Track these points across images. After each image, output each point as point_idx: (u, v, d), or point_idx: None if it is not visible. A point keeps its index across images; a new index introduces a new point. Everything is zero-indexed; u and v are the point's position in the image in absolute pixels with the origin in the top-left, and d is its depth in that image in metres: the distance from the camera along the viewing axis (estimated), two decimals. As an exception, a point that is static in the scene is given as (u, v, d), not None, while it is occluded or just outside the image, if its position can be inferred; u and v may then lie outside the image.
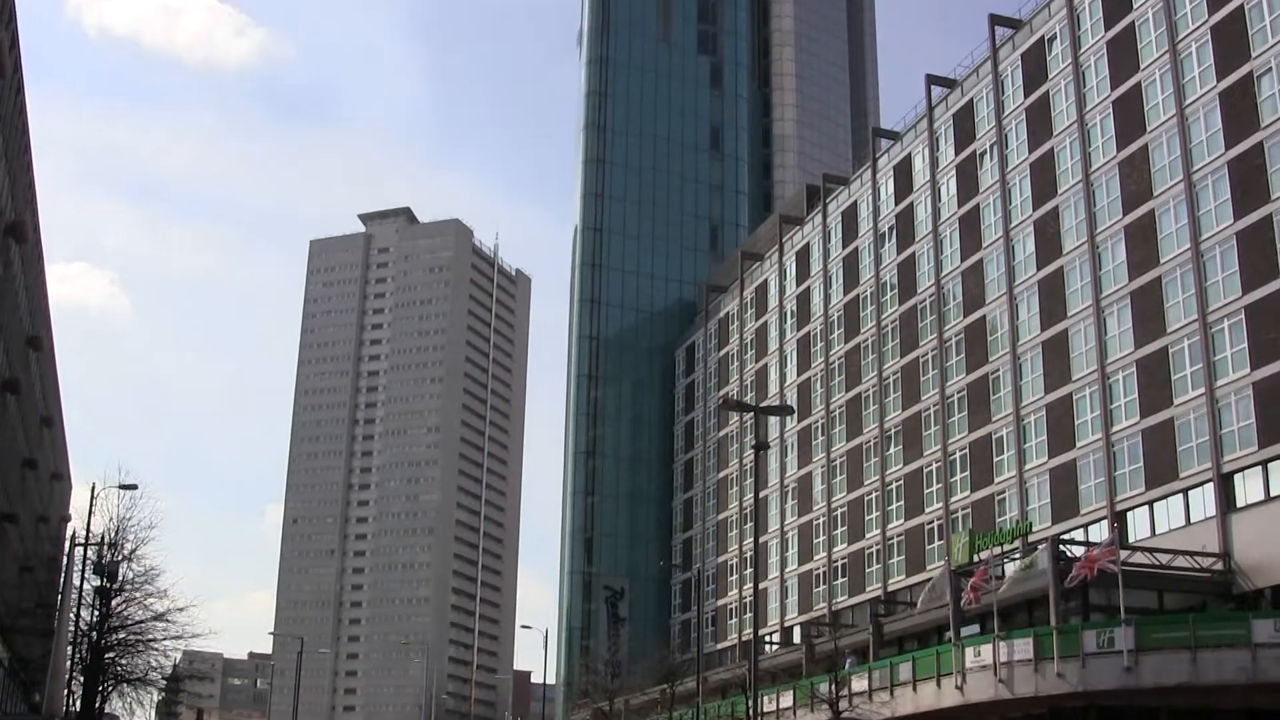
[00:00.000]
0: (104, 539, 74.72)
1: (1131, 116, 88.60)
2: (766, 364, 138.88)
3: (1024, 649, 70.81)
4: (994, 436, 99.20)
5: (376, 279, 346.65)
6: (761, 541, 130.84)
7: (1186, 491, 79.82)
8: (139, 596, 76.13)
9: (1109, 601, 72.47)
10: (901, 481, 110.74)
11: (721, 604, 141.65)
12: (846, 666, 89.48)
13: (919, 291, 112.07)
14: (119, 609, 74.99)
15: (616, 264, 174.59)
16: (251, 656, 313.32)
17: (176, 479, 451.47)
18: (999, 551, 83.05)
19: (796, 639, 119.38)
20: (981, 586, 76.16)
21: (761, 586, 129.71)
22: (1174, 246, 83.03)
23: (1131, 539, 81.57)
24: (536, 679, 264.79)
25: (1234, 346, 77.10)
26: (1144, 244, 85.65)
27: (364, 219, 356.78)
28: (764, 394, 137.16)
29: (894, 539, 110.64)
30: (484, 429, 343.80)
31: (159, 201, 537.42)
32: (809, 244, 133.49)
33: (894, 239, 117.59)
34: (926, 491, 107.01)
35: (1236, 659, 64.22)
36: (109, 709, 79.03)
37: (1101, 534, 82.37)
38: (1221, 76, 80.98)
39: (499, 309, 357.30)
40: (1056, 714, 73.65)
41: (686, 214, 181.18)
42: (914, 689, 78.86)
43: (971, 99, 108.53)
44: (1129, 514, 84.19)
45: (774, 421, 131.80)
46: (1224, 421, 77.20)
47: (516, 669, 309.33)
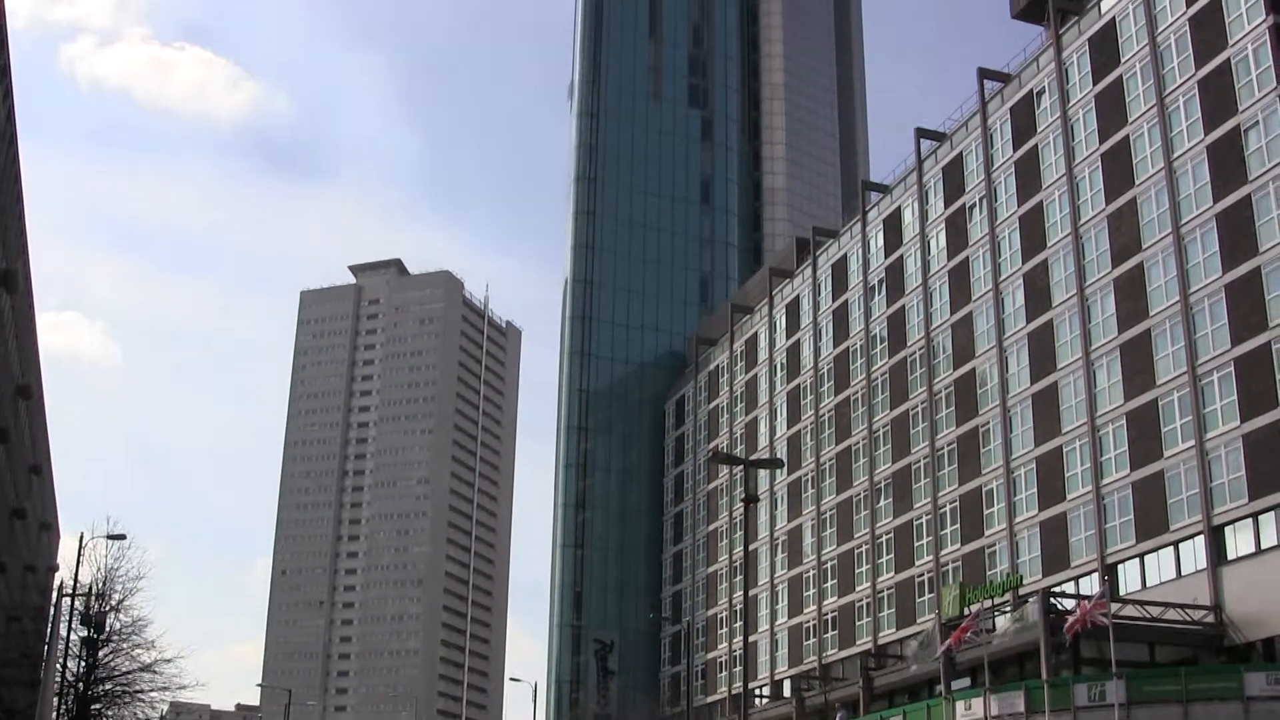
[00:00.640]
0: (91, 589, 74.50)
1: (1120, 169, 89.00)
2: (756, 417, 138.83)
3: (1015, 702, 70.57)
4: (984, 489, 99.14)
5: (367, 330, 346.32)
6: (751, 594, 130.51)
7: (1177, 544, 79.74)
8: (126, 647, 75.91)
9: (1100, 654, 72.19)
10: (892, 534, 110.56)
11: (711, 657, 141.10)
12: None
13: (909, 344, 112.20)
14: (106, 660, 74.73)
15: (606, 316, 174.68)
16: (239, 708, 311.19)
17: (165, 529, 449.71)
18: (990, 604, 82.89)
19: (787, 692, 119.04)
20: (971, 640, 75.96)
21: (752, 639, 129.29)
22: (1163, 299, 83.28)
23: (1122, 591, 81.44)
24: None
25: (1224, 399, 77.21)
26: (1133, 297, 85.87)
27: (354, 270, 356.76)
28: (754, 447, 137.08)
29: (884, 592, 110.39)
30: (474, 481, 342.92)
31: (150, 251, 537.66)
32: (799, 297, 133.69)
33: (884, 292, 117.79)
34: (917, 544, 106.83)
35: (1229, 712, 64.07)
36: (95, 760, 78.59)
37: (1092, 587, 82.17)
38: (1209, 130, 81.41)
39: (489, 361, 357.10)
40: (1048, 768, 73.34)
41: (677, 267, 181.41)
42: (905, 742, 78.60)
43: (961, 152, 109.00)
44: (1120, 567, 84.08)
45: (764, 474, 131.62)
46: (1214, 474, 77.22)
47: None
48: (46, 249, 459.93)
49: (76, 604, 73.80)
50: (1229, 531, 76.33)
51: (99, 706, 75.15)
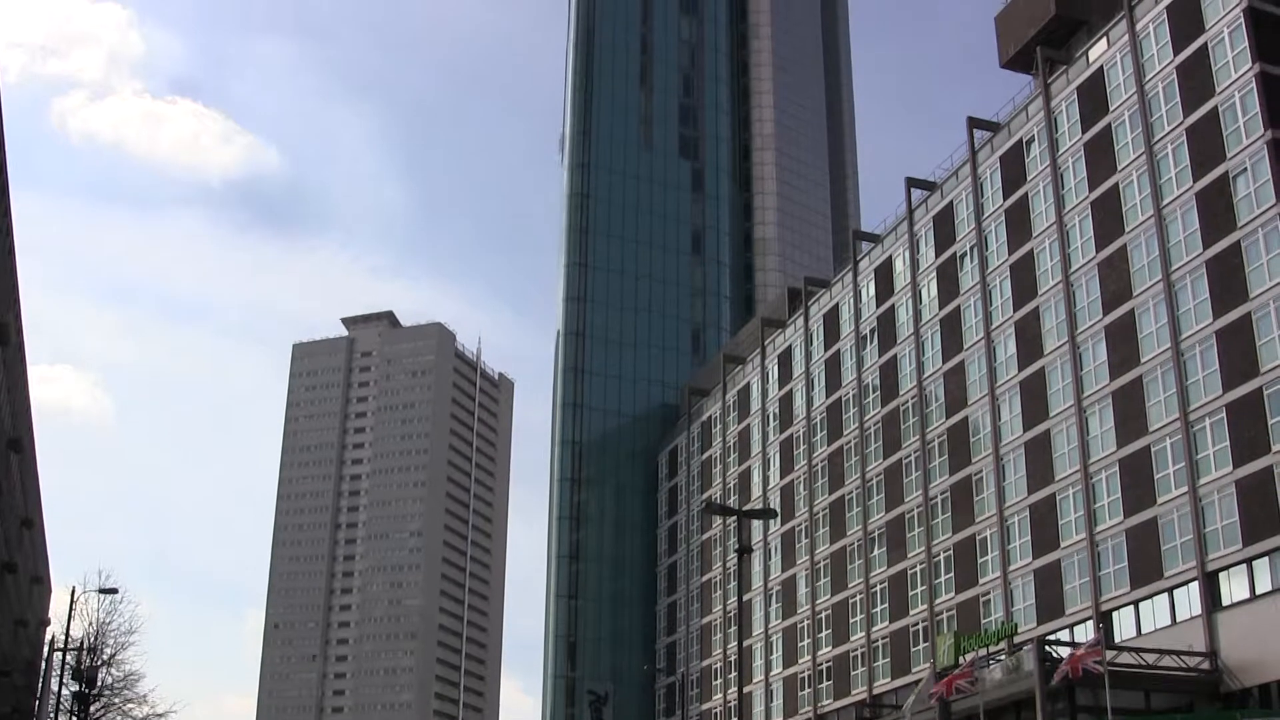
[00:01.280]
0: (83, 644, 74.29)
1: (1110, 217, 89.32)
2: (749, 467, 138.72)
3: (1011, 751, 70.36)
4: (978, 537, 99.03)
5: (359, 383, 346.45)
6: (746, 645, 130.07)
7: (1171, 590, 79.63)
8: (118, 703, 75.66)
9: (1096, 702, 72.00)
10: (886, 583, 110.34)
11: (706, 708, 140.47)
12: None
13: (901, 393, 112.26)
14: (98, 715, 74.42)
15: (599, 368, 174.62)
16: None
17: (157, 582, 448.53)
18: (985, 653, 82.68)
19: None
20: (966, 689, 75.70)
21: (746, 690, 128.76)
22: (1154, 346, 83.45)
23: (1117, 639, 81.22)
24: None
25: (1216, 444, 77.25)
26: (1124, 344, 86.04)
27: (347, 323, 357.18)
28: (747, 497, 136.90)
29: (879, 641, 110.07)
30: (467, 533, 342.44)
31: (142, 304, 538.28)
32: (791, 347, 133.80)
33: (876, 341, 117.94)
34: (911, 593, 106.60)
35: (1225, 759, 63.87)
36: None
37: (1087, 634, 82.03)
38: (1198, 177, 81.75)
39: (481, 413, 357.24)
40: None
41: (668, 317, 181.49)
42: (901, 792, 78.22)
43: (951, 201, 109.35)
44: (1114, 614, 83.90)
45: (757, 524, 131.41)
46: (1208, 520, 77.17)
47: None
48: (38, 302, 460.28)
49: (68, 659, 73.56)
50: (1223, 577, 76.22)
51: (91, 762, 74.76)
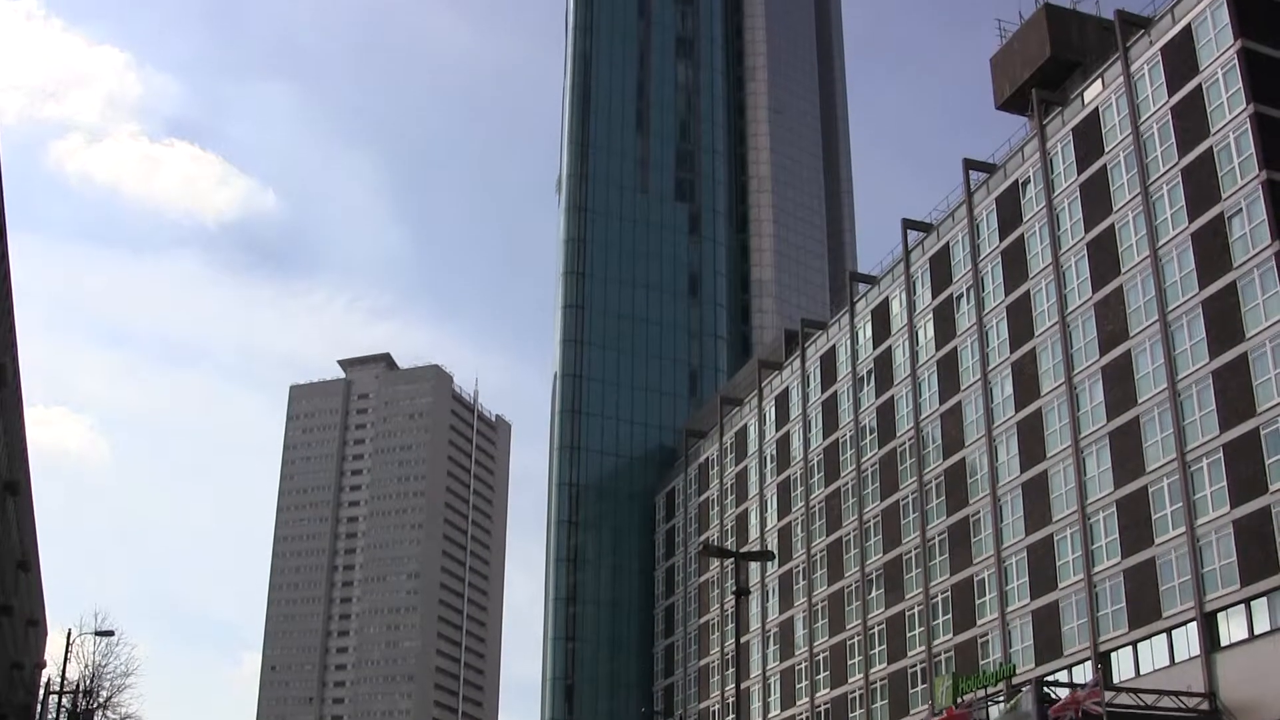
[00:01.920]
0: (79, 686, 74.06)
1: (1106, 258, 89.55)
2: (747, 509, 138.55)
3: (1010, 792, 70.09)
4: (976, 579, 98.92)
5: (356, 425, 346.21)
6: (743, 687, 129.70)
7: (1170, 631, 79.50)
8: (114, 745, 75.26)
9: (1095, 743, 71.83)
10: (884, 625, 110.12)
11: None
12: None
13: (898, 435, 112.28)
14: (94, 757, 74.06)
15: (596, 410, 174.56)
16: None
17: (153, 624, 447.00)
18: (983, 694, 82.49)
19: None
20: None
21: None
22: (1151, 386, 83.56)
23: (1116, 679, 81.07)
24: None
25: (1213, 485, 77.26)
26: (1121, 384, 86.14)
27: (344, 365, 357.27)
28: (745, 539, 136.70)
29: (877, 683, 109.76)
30: (464, 575, 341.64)
31: (138, 346, 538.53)
32: (788, 389, 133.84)
33: (873, 383, 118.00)
34: (909, 635, 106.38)
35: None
36: None
37: (1086, 675, 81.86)
38: (1193, 217, 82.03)
39: (479, 455, 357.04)
40: None
41: (665, 359, 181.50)
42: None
43: (947, 243, 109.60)
44: (1113, 654, 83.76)
45: (755, 566, 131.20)
46: (1205, 560, 77.13)
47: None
48: (35, 343, 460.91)
49: (64, 701, 73.30)
50: (1222, 618, 76.13)
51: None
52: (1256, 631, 73.60)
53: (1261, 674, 72.63)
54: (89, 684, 74.77)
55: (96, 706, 74.68)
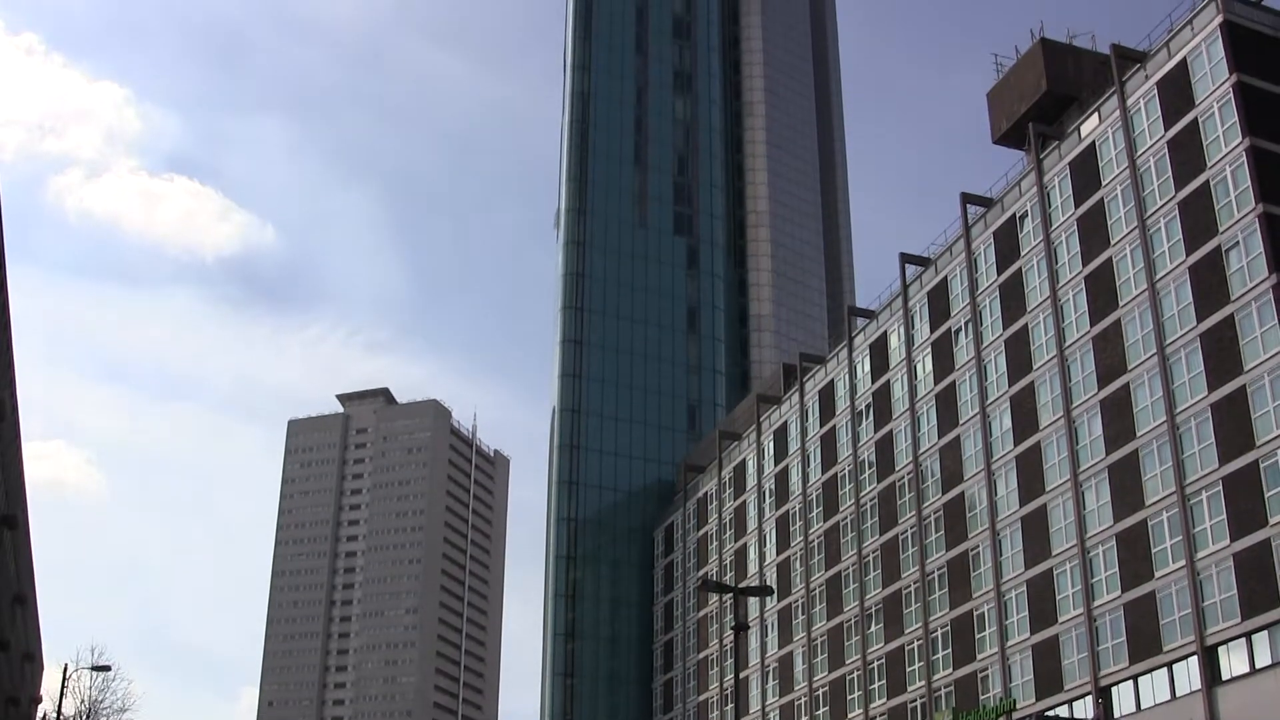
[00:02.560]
0: (75, 722, 73.75)
1: (1104, 291, 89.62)
2: (746, 543, 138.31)
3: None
4: (975, 613, 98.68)
5: (355, 459, 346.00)
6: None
7: (1170, 665, 79.28)
8: (110, 781, 74.95)
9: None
10: (883, 660, 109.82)
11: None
12: None
13: (897, 469, 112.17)
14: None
15: (594, 444, 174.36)
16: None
17: (150, 659, 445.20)
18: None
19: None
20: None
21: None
22: (1150, 419, 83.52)
23: (1117, 714, 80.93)
24: None
25: (1213, 518, 77.16)
26: (1120, 417, 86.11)
27: (342, 399, 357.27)
28: (743, 573, 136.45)
29: (877, 718, 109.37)
30: (462, 610, 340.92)
31: (136, 380, 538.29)
32: (787, 423, 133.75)
33: (871, 417, 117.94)
34: (909, 669, 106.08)
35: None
36: None
37: (1086, 710, 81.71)
38: (1190, 251, 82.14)
39: (477, 489, 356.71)
40: None
41: (664, 394, 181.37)
42: None
43: (945, 276, 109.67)
44: (1114, 689, 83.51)
45: (754, 601, 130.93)
46: (1206, 594, 76.98)
47: None
48: (33, 377, 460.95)
49: (60, 737, 73.00)
50: (1222, 651, 75.94)
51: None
52: (1258, 665, 73.39)
53: (1263, 708, 72.39)
54: (85, 719, 74.48)
55: (92, 742, 74.41)
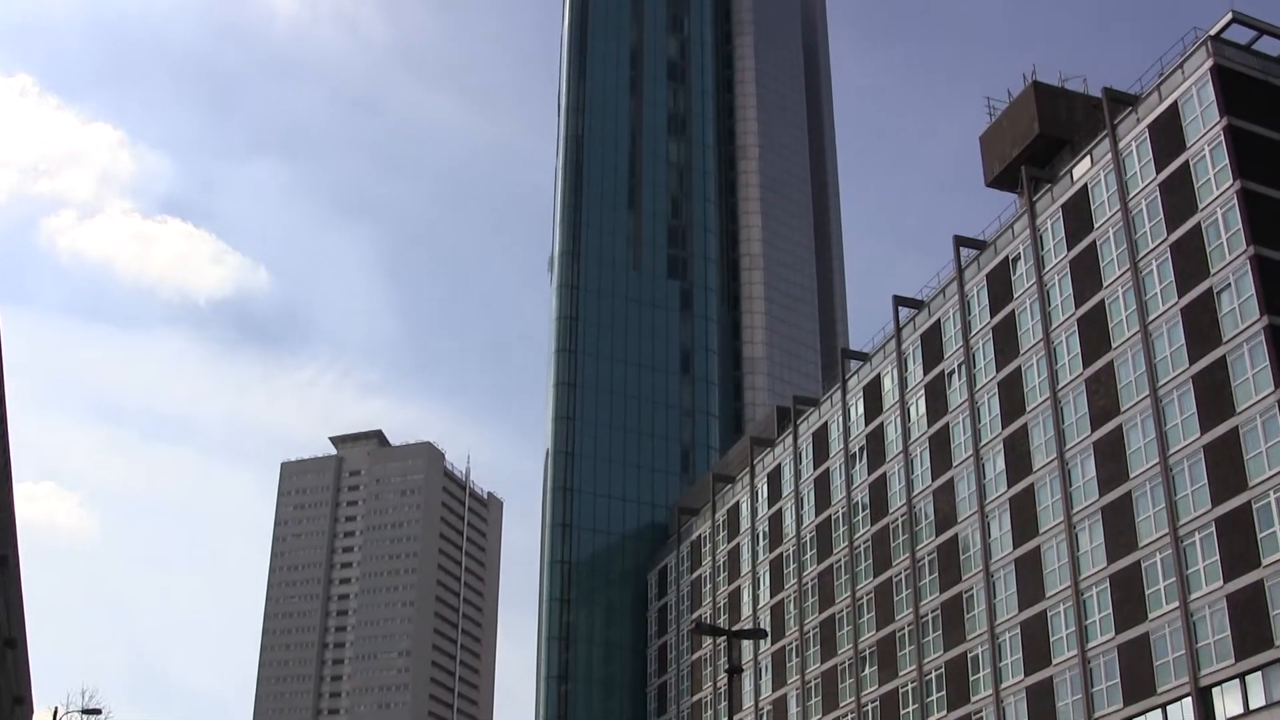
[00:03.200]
0: (65, 765, 73.40)
1: (1096, 333, 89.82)
2: (739, 586, 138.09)
3: None
4: (969, 655, 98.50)
5: (348, 501, 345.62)
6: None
7: (1165, 707, 79.11)
8: (100, 825, 74.54)
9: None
10: (878, 702, 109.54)
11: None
12: None
13: (891, 511, 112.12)
14: (79, 838, 73.37)
15: (588, 487, 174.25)
16: None
17: (142, 702, 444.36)
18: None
19: None
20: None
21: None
22: (1143, 461, 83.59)
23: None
24: None
25: (1206, 559, 77.15)
26: (1113, 459, 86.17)
27: (335, 441, 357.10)
28: (737, 616, 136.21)
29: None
30: (455, 653, 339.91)
31: (129, 422, 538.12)
32: (780, 466, 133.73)
33: (865, 459, 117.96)
34: (903, 712, 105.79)
35: None
36: None
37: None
38: (1183, 293, 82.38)
39: (470, 532, 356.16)
40: None
41: (657, 437, 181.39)
42: None
43: (939, 319, 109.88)
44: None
45: (748, 644, 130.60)
46: (1200, 635, 76.91)
47: None
48: (25, 419, 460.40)
49: (50, 781, 72.68)
50: (1217, 693, 75.80)
51: None
52: (1252, 706, 73.24)
53: (1257, 750, 72.28)
54: (76, 764, 74.19)
55: (83, 787, 74.02)
